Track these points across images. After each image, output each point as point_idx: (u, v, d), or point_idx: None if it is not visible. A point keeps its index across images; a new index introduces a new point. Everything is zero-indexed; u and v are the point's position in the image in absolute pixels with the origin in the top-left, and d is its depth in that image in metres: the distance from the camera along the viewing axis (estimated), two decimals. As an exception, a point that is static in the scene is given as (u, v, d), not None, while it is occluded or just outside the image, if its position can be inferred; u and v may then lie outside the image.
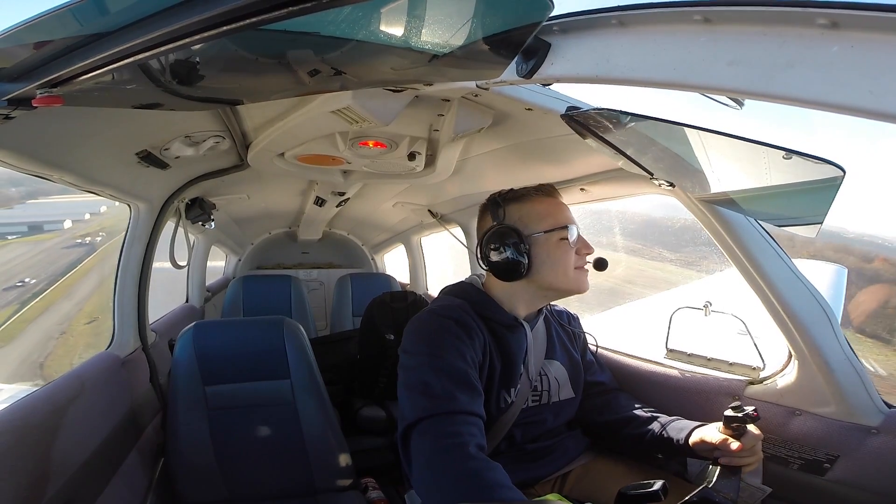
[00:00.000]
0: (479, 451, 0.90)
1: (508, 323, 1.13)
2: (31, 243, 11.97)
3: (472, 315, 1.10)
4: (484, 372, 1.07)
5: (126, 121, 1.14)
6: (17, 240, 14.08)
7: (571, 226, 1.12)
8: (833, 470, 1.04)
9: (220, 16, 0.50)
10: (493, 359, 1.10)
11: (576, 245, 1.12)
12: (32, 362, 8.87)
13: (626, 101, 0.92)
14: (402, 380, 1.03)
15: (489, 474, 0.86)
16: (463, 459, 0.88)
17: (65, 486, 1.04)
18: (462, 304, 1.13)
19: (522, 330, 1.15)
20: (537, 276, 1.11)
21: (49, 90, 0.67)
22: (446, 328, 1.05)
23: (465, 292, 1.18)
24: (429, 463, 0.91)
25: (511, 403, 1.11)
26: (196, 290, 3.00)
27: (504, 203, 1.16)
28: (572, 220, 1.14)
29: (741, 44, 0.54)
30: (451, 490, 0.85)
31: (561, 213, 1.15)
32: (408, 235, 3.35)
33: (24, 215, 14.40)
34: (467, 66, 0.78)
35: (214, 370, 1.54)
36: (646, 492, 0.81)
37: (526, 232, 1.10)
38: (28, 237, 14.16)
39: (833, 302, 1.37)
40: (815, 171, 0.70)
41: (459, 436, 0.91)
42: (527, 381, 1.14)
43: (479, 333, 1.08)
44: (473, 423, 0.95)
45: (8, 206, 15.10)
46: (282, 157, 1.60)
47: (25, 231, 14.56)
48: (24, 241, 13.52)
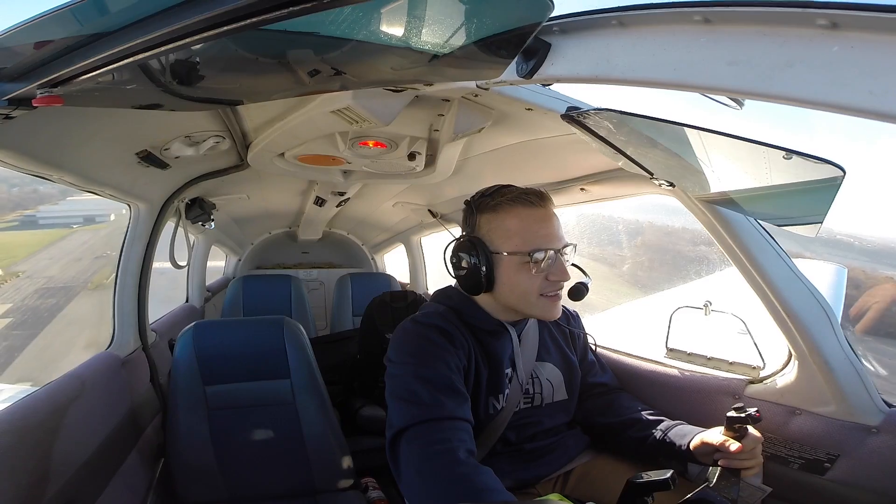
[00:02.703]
0: (468, 456, 0.90)
1: (491, 328, 1.12)
2: (91, 231, 13.62)
3: (456, 322, 1.09)
4: (470, 378, 1.07)
5: (126, 121, 1.14)
6: (79, 228, 16.87)
7: (539, 252, 1.01)
8: (833, 469, 1.04)
9: (220, 16, 0.50)
10: (479, 365, 1.09)
11: (545, 271, 1.03)
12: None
13: (626, 101, 0.91)
14: (389, 389, 1.03)
15: (479, 479, 0.85)
16: (452, 464, 0.88)
17: (65, 486, 1.04)
18: (445, 310, 1.12)
19: (507, 334, 1.13)
20: (499, 296, 1.07)
21: (49, 90, 0.67)
22: (429, 337, 1.04)
23: (449, 298, 1.16)
24: (418, 469, 0.90)
25: (500, 409, 1.11)
26: (196, 290, 3.00)
27: (477, 210, 1.09)
28: (549, 240, 1.04)
29: (741, 44, 0.54)
30: (442, 495, 0.85)
31: (532, 232, 1.04)
32: (408, 235, 3.35)
33: (75, 209, 16.48)
34: (467, 66, 0.78)
35: (214, 370, 1.54)
36: (655, 480, 0.81)
37: (491, 248, 1.04)
38: (86, 226, 16.22)
39: (833, 302, 1.37)
40: (815, 171, 0.70)
41: (448, 441, 0.91)
42: (517, 384, 1.13)
43: (462, 340, 1.07)
44: (462, 428, 0.95)
45: (55, 203, 17.06)
46: (282, 157, 1.60)
47: (82, 222, 16.95)
48: (85, 229, 15.96)
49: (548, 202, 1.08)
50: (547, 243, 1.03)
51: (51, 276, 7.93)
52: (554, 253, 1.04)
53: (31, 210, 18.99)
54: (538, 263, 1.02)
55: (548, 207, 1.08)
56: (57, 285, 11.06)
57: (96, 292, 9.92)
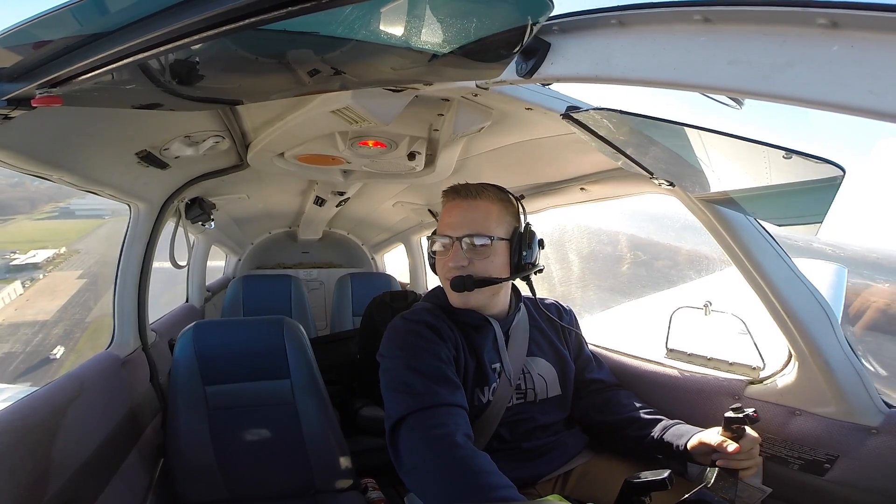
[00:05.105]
0: (466, 440, 0.93)
1: (476, 323, 1.16)
2: (122, 221, 16.26)
3: (443, 317, 1.15)
4: (460, 369, 1.11)
5: (126, 121, 1.14)
6: (109, 219, 20.13)
7: (442, 237, 1.13)
8: (833, 470, 1.04)
9: (220, 16, 0.50)
10: (467, 357, 1.13)
11: (443, 256, 1.13)
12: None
13: (626, 102, 0.92)
14: (384, 383, 1.07)
15: (476, 461, 0.88)
16: (451, 448, 0.90)
17: (65, 486, 1.04)
18: (433, 308, 1.18)
19: (490, 328, 1.16)
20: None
21: (49, 90, 0.67)
22: (418, 332, 1.10)
23: (436, 297, 1.22)
24: (418, 455, 0.93)
25: (488, 403, 1.12)
26: (196, 290, 3.00)
27: (442, 205, 1.18)
28: (451, 227, 1.12)
29: (741, 44, 0.54)
30: (441, 478, 0.88)
31: (443, 220, 1.15)
32: (408, 235, 3.35)
33: (102, 203, 19.50)
34: (467, 65, 0.78)
35: (214, 370, 1.54)
36: (652, 480, 0.81)
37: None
38: (114, 217, 18.55)
39: (833, 302, 1.37)
40: (815, 171, 0.70)
41: (445, 426, 0.94)
42: (506, 379, 1.14)
43: (450, 333, 1.12)
44: (457, 413, 0.99)
45: (81, 196, 20.36)
46: (281, 157, 1.60)
47: (110, 214, 20.04)
48: (114, 220, 18.24)
49: (475, 195, 1.14)
50: (448, 230, 1.13)
51: (101, 253, 10.08)
52: (451, 240, 1.10)
53: (63, 203, 24.65)
54: (441, 248, 1.14)
55: (470, 199, 1.14)
56: (109, 259, 13.91)
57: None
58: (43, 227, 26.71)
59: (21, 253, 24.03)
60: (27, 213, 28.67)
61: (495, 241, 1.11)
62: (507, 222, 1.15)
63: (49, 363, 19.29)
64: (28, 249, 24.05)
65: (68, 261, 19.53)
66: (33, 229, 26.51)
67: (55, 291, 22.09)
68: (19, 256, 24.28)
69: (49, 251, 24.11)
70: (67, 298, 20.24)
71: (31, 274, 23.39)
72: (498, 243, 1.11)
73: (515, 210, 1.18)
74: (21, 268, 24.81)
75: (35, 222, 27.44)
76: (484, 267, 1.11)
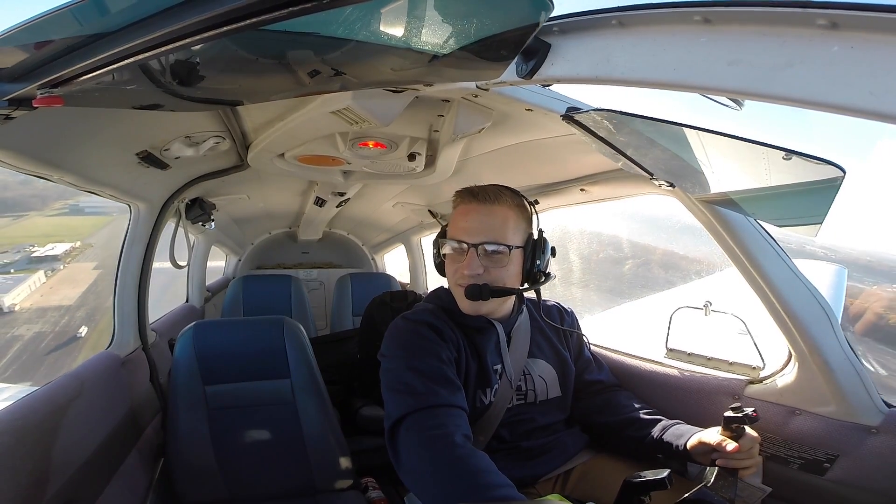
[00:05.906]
0: (465, 441, 0.93)
1: (478, 325, 1.15)
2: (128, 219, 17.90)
3: (445, 318, 1.14)
4: (461, 370, 1.10)
5: (126, 121, 1.14)
6: (117, 215, 21.44)
7: (454, 242, 1.09)
8: (833, 470, 1.04)
9: (220, 16, 0.50)
10: (469, 359, 1.12)
11: (458, 262, 1.10)
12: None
13: (626, 102, 0.92)
14: (384, 382, 1.06)
15: (475, 460, 0.88)
16: (450, 447, 0.90)
17: (65, 486, 1.04)
18: (434, 308, 1.17)
19: (493, 330, 1.16)
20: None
21: (49, 90, 0.67)
22: (419, 332, 1.09)
23: (439, 298, 1.21)
24: (417, 454, 0.93)
25: (489, 404, 1.12)
26: (196, 290, 3.00)
27: (453, 205, 1.17)
28: (466, 232, 1.08)
29: (741, 44, 0.54)
30: (440, 478, 0.88)
31: (456, 223, 1.11)
32: (408, 235, 3.36)
33: (109, 201, 21.10)
34: (467, 66, 0.78)
35: (214, 370, 1.54)
36: (652, 479, 0.81)
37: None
38: (121, 214, 20.39)
39: (833, 302, 1.37)
40: (815, 172, 0.70)
41: (444, 426, 0.94)
42: (507, 381, 1.14)
43: (451, 335, 1.11)
44: (457, 414, 0.98)
45: (90, 194, 22.13)
46: (282, 158, 1.60)
47: (117, 211, 21.56)
48: (121, 217, 20.84)
49: (493, 200, 1.10)
50: (464, 235, 1.09)
51: (116, 247, 10.48)
52: (466, 245, 1.08)
53: (72, 200, 27.32)
54: (453, 252, 1.10)
55: (488, 204, 1.09)
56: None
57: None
58: (55, 222, 28.80)
59: (39, 246, 26.92)
60: (39, 209, 30.91)
61: (513, 249, 1.08)
62: (522, 229, 1.13)
63: (76, 340, 20.66)
64: (45, 243, 26.88)
65: (84, 253, 21.66)
66: (46, 225, 28.57)
67: (75, 280, 23.92)
68: (38, 249, 27.40)
69: (66, 245, 26.97)
70: (87, 286, 21.84)
71: (52, 265, 26.48)
72: (514, 252, 1.09)
73: (529, 215, 1.16)
74: (41, 259, 28.01)
75: (47, 218, 29.72)
76: (499, 275, 1.08)
